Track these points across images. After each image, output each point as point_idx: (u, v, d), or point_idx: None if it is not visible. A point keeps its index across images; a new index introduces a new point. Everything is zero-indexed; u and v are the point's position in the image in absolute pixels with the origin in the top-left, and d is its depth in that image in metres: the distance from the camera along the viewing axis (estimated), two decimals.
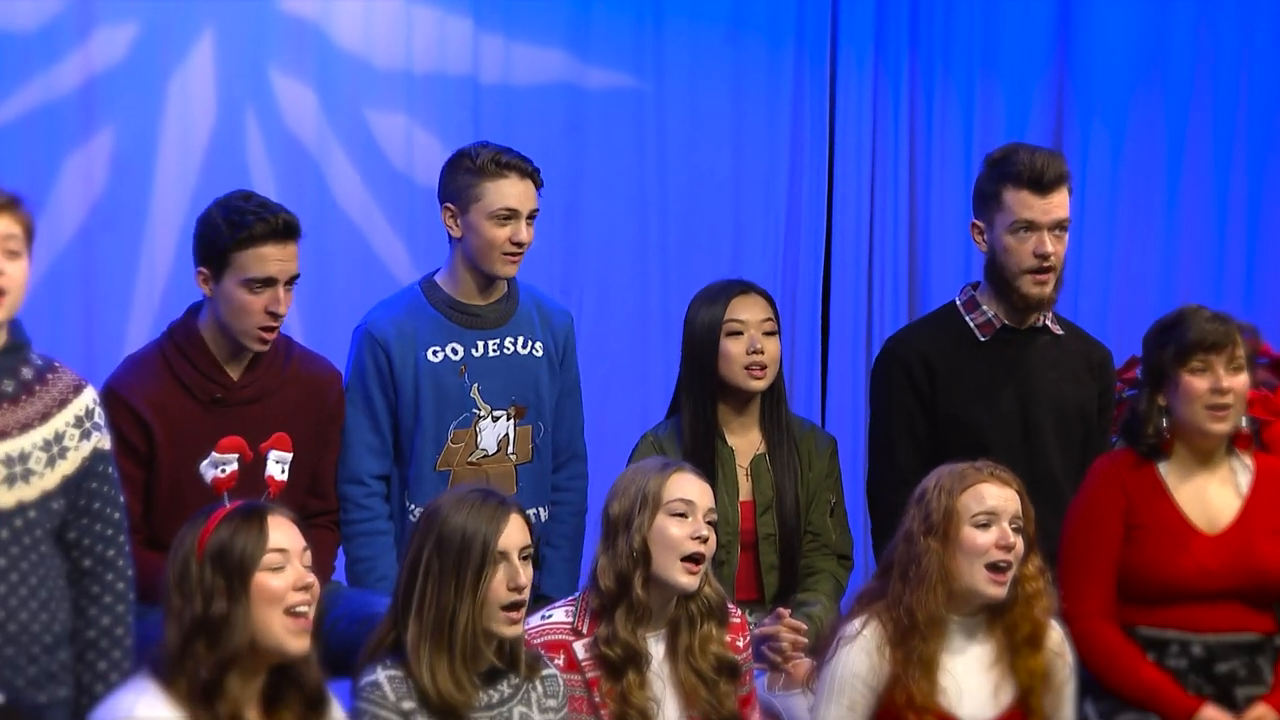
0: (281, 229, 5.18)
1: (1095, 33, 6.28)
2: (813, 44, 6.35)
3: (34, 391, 4.58)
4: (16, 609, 4.41)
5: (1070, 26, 6.24)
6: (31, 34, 5.86)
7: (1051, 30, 6.27)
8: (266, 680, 4.19)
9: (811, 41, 6.35)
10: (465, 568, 4.48)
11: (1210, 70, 6.04)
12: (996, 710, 4.75)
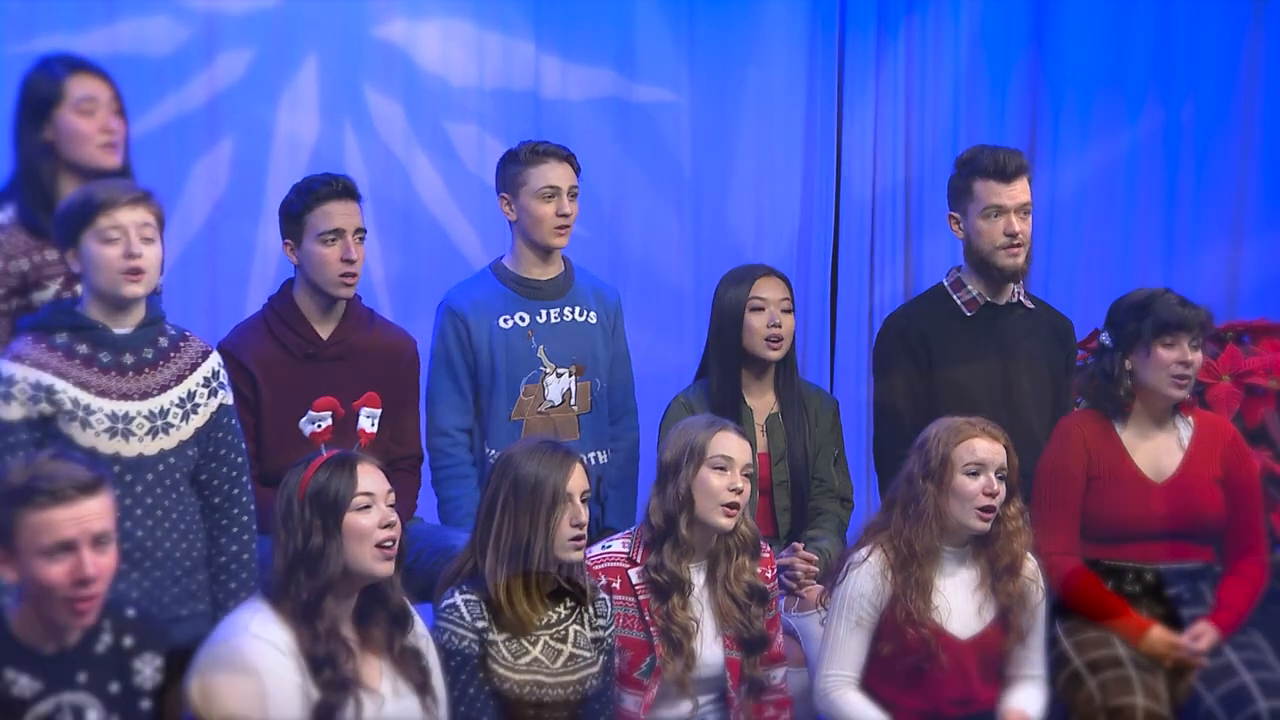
0: (341, 189, 5.44)
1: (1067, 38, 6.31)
2: (823, 66, 6.34)
3: (169, 358, 4.87)
4: (161, 539, 4.76)
5: (1043, 33, 6.28)
6: (166, 58, 6.04)
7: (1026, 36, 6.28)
8: (358, 601, 4.48)
9: (822, 63, 6.35)
10: (539, 506, 4.75)
11: (1163, 75, 6.09)
12: (980, 626, 5.07)
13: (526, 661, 4.83)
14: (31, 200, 5.10)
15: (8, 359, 4.79)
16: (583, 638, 4.97)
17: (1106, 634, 5.25)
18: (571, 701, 4.89)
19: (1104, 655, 5.23)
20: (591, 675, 4.90)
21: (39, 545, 3.98)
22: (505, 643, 4.79)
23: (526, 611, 4.77)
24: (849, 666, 5.06)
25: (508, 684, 4.82)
